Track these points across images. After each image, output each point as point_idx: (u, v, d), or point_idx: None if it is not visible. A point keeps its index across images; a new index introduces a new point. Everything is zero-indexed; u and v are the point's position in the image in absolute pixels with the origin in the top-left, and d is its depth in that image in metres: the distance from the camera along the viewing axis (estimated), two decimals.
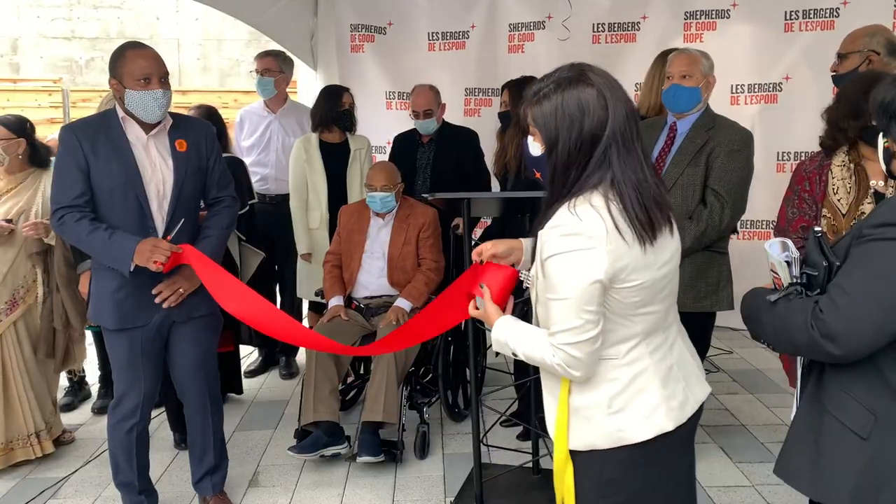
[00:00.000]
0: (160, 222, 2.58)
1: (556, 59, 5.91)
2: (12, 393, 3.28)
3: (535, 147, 1.67)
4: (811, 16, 4.97)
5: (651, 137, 3.17)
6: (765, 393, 4.07)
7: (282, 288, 4.55)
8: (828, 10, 4.91)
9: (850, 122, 2.34)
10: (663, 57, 3.32)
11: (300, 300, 4.50)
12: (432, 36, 5.60)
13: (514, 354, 1.68)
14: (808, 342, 1.51)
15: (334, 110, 4.03)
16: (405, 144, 4.27)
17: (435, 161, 4.08)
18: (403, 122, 5.18)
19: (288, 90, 4.73)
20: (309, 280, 4.14)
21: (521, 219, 3.05)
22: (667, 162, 3.09)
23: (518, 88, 3.52)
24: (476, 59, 5.55)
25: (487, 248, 1.87)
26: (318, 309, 4.24)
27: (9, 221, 3.22)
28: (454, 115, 4.27)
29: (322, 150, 4.06)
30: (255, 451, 3.53)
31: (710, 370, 4.37)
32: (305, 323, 4.55)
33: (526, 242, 1.89)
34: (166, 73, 2.59)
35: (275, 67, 4.44)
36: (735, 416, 3.76)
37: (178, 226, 2.57)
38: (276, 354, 4.54)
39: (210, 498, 2.93)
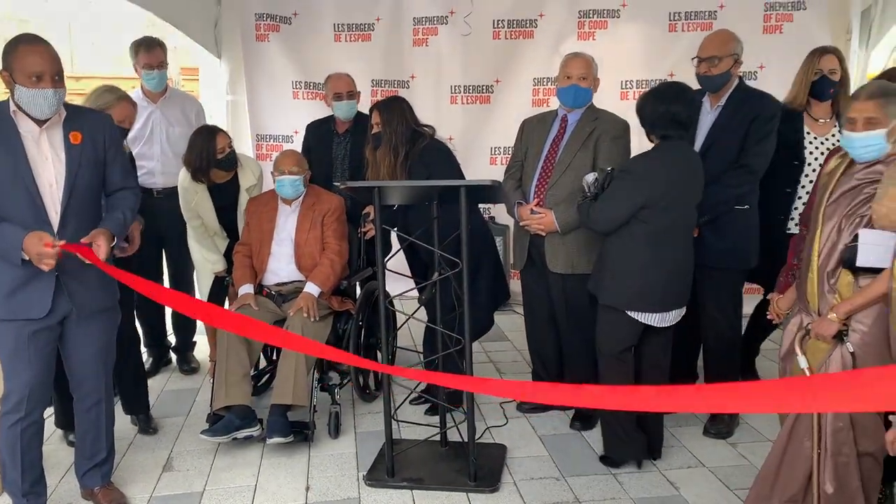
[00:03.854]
0: (54, 215, 2.56)
1: (459, 54, 6.20)
2: None
3: None
4: (692, 17, 5.37)
5: (543, 129, 3.58)
6: None
7: (171, 285, 4.35)
8: (706, 13, 5.32)
9: None
10: (813, 55, 3.52)
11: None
12: (338, 27, 5.68)
13: None
14: (586, 223, 3.07)
15: (211, 158, 3.73)
16: (319, 134, 4.33)
17: (352, 152, 4.17)
18: (311, 111, 5.27)
19: (189, 77, 4.64)
20: (203, 276, 4.06)
21: (429, 206, 3.23)
22: (560, 148, 3.48)
23: (388, 109, 3.60)
24: (382, 51, 5.67)
25: None
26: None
27: None
28: (361, 105, 4.38)
29: (210, 192, 3.83)
30: (167, 437, 3.57)
31: None
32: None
33: None
34: (60, 71, 2.53)
35: (164, 59, 4.26)
36: None
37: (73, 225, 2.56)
38: (169, 354, 4.50)
39: (98, 490, 2.93)
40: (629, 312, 3.03)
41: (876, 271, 2.25)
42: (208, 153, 3.73)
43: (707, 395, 1.69)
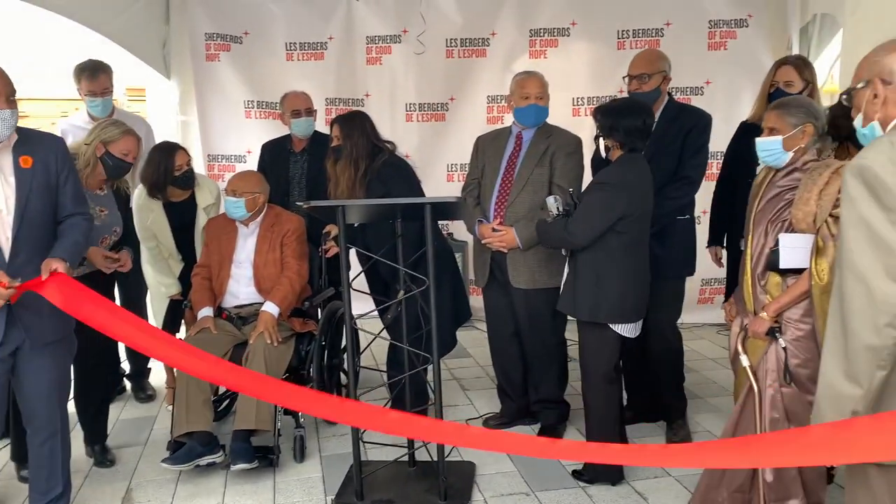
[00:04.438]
0: (5, 242, 2.47)
1: (413, 73, 6.24)
2: None
3: None
4: (639, 34, 5.50)
5: (499, 146, 3.64)
6: None
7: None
8: (653, 30, 5.46)
9: (844, 122, 2.63)
10: (776, 66, 3.48)
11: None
12: (290, 46, 5.65)
13: None
14: (561, 240, 3.07)
15: (169, 175, 3.67)
16: (276, 154, 4.29)
17: (309, 170, 4.14)
18: (265, 130, 5.23)
19: (136, 98, 4.55)
20: (155, 304, 3.96)
21: (392, 224, 3.22)
22: (518, 164, 3.54)
23: (348, 123, 3.59)
24: (336, 70, 5.67)
25: None
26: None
27: None
28: (315, 124, 4.36)
29: (166, 210, 3.75)
30: (125, 468, 3.45)
31: (571, 359, 4.72)
32: None
33: None
34: (13, 92, 2.47)
35: (110, 84, 4.14)
36: None
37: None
38: (123, 382, 4.36)
39: None
40: (612, 326, 3.06)
41: (801, 271, 2.43)
42: (166, 169, 3.66)
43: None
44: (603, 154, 3.11)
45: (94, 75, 4.07)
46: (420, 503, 3.02)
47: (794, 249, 2.45)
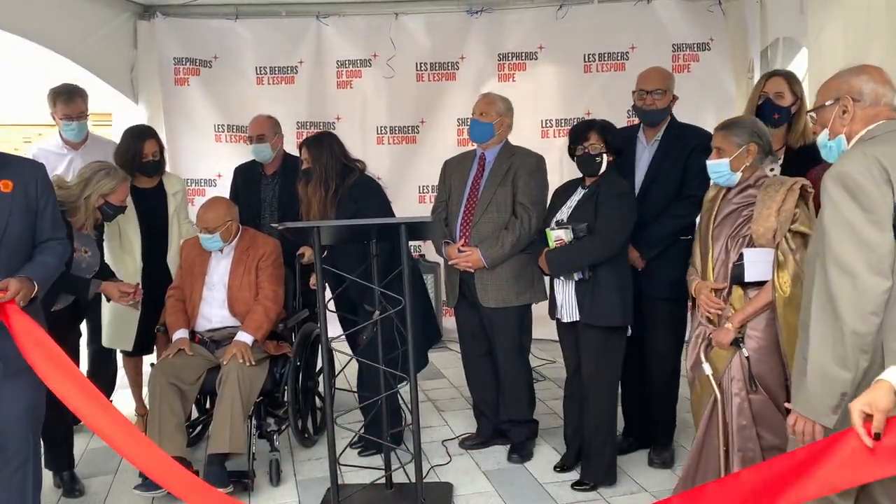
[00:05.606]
0: None
1: (384, 96, 6.27)
2: None
3: None
4: (605, 58, 5.61)
5: (464, 169, 3.70)
6: None
7: (89, 338, 4.05)
8: (619, 54, 5.57)
9: None
10: (765, 78, 3.39)
11: (110, 351, 4.07)
12: (260, 70, 5.67)
13: None
14: (597, 255, 3.12)
15: (136, 161, 3.75)
16: (247, 177, 4.29)
17: (280, 194, 4.14)
18: (235, 154, 5.22)
19: (102, 122, 4.50)
20: (118, 328, 3.89)
21: (360, 245, 3.24)
22: (482, 185, 3.60)
23: (316, 145, 3.59)
24: (306, 94, 5.69)
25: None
26: (133, 354, 4.04)
27: None
28: (287, 147, 4.36)
29: (133, 196, 3.69)
30: (95, 497, 3.38)
31: (538, 379, 4.75)
32: (120, 372, 4.30)
33: None
34: None
35: (85, 108, 4.08)
36: (562, 418, 4.11)
37: None
38: None
39: None
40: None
41: (762, 283, 2.59)
42: (134, 154, 3.75)
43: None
44: (604, 168, 3.20)
45: (70, 99, 4.02)
46: None
47: (756, 263, 2.60)
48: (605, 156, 3.18)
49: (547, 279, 3.46)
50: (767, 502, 1.77)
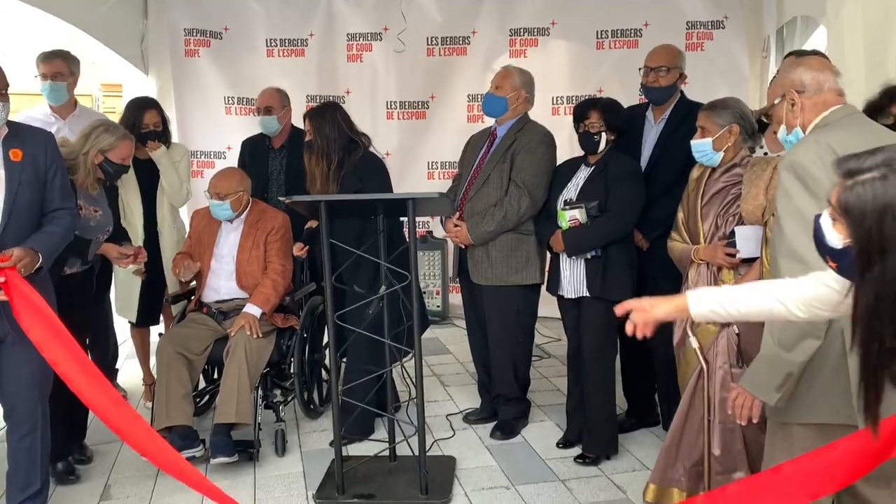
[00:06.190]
0: None
1: (394, 70, 6.25)
2: None
3: (835, 236, 1.40)
4: (618, 35, 5.56)
5: (479, 144, 3.70)
6: None
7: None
8: (632, 31, 5.52)
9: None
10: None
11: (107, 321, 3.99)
12: (270, 42, 5.65)
13: None
14: (614, 233, 3.17)
15: (136, 131, 3.72)
16: (255, 150, 4.29)
17: (288, 168, 4.13)
18: (245, 126, 5.20)
19: (112, 94, 4.48)
20: (121, 298, 3.92)
21: (363, 223, 3.24)
22: (485, 161, 3.57)
23: (317, 117, 3.53)
24: (316, 67, 5.68)
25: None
26: (140, 325, 4.10)
27: None
28: (296, 121, 4.35)
29: (135, 166, 3.70)
30: (103, 464, 3.42)
31: (542, 356, 4.77)
32: (129, 343, 4.36)
33: None
34: (6, 85, 2.50)
35: (65, 70, 3.97)
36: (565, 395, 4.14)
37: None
38: None
39: None
40: None
41: (752, 260, 2.65)
42: (134, 124, 3.75)
43: None
44: (602, 147, 3.21)
45: (47, 58, 3.94)
46: (401, 497, 3.02)
47: (747, 240, 2.67)
48: (604, 134, 3.20)
49: (548, 257, 3.46)
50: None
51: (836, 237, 1.38)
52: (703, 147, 2.79)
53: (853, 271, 1.33)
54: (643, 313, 1.77)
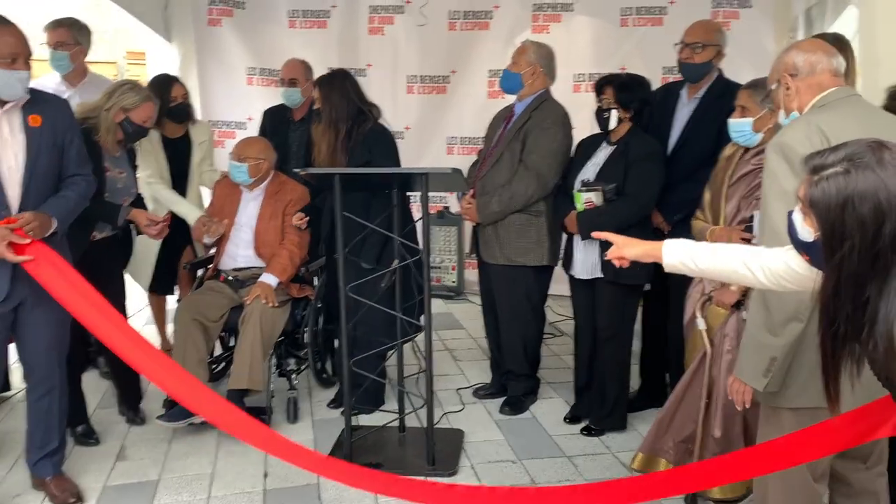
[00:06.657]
0: (14, 198, 2.54)
1: (415, 44, 6.21)
2: None
3: (806, 230, 1.43)
4: (643, 12, 5.46)
5: (500, 120, 3.68)
6: None
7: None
8: (657, 8, 5.42)
9: None
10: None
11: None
12: (293, 13, 5.64)
13: None
14: (633, 214, 3.12)
15: (165, 106, 3.74)
16: (276, 121, 4.30)
17: (307, 140, 4.12)
18: (266, 97, 5.23)
19: (136, 62, 4.50)
20: (136, 264, 3.90)
21: (381, 194, 3.24)
22: (502, 139, 3.55)
23: (326, 85, 3.46)
24: (338, 39, 5.65)
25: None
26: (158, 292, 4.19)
27: None
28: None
29: (164, 147, 3.81)
30: (118, 426, 3.51)
31: (555, 334, 4.79)
32: (147, 311, 4.41)
33: None
34: (31, 53, 2.55)
35: (69, 39, 3.93)
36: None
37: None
38: (91, 355, 4.13)
39: (50, 480, 2.86)
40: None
41: None
42: (162, 100, 3.66)
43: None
44: (613, 125, 3.16)
45: (52, 27, 3.92)
46: (408, 467, 3.06)
47: None
48: (614, 112, 3.15)
49: (564, 237, 3.46)
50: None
51: (807, 231, 1.42)
52: (741, 127, 2.68)
53: (822, 262, 1.39)
54: (616, 249, 1.85)
